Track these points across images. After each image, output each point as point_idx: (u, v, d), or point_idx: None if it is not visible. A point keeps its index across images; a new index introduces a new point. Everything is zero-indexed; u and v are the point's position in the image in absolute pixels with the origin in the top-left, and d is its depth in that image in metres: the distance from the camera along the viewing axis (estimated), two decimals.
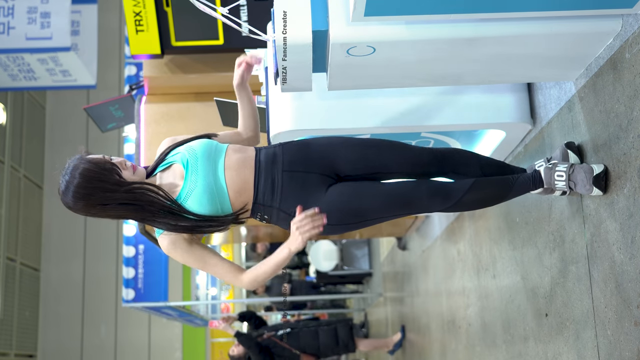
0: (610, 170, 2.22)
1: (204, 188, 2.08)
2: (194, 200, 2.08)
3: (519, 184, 2.31)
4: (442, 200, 2.20)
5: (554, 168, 2.31)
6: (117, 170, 2.01)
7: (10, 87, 6.70)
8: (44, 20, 5.89)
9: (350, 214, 2.17)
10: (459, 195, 2.21)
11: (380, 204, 2.17)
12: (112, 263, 10.60)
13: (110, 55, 9.51)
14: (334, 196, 2.15)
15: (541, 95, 2.79)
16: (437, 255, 5.08)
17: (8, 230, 9.31)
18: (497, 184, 2.30)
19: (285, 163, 2.17)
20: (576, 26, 2.13)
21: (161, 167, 2.17)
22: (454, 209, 2.25)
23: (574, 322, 2.51)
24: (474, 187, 2.23)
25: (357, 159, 2.22)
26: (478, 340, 3.93)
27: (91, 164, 1.99)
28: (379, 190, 2.18)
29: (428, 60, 2.29)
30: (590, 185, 2.23)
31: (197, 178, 2.09)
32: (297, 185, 2.15)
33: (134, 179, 2.05)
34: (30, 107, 10.14)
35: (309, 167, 2.18)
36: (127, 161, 2.06)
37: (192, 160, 2.12)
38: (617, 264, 2.15)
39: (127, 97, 4.69)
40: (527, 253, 3.01)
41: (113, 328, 10.90)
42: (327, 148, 2.23)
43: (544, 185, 2.33)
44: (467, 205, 2.25)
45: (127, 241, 6.75)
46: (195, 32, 3.72)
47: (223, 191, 2.11)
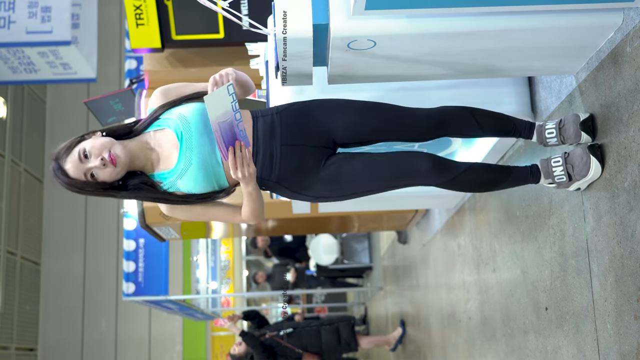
0: (596, 117, 2.25)
1: (199, 165, 2.06)
2: (189, 178, 2.07)
3: (516, 175, 2.30)
4: (439, 174, 2.16)
5: (550, 158, 2.31)
6: (101, 184, 2.04)
7: (11, 80, 6.70)
8: (45, 14, 5.88)
9: (349, 186, 2.16)
10: (457, 173, 2.18)
11: (378, 172, 2.15)
12: (113, 257, 10.61)
13: (110, 49, 9.50)
14: (333, 169, 2.15)
15: (542, 88, 2.78)
16: (438, 249, 5.09)
17: (8, 224, 9.32)
18: (495, 171, 2.29)
19: (284, 135, 2.14)
20: (577, 20, 2.13)
21: (153, 127, 2.13)
22: (450, 185, 2.21)
23: (574, 315, 2.52)
24: (472, 168, 2.22)
25: (355, 125, 2.19)
26: (478, 334, 3.94)
27: (73, 187, 2.03)
28: (377, 159, 2.16)
29: (428, 54, 2.28)
30: (587, 156, 2.21)
31: (192, 155, 2.06)
32: (295, 159, 2.14)
33: (117, 173, 2.04)
34: (31, 101, 10.13)
35: (307, 138, 2.16)
36: (104, 157, 2.00)
37: (186, 133, 2.07)
38: (617, 258, 2.15)
39: (127, 90, 4.70)
40: (527, 247, 3.01)
41: (113, 322, 10.93)
42: (325, 114, 2.19)
43: (540, 178, 2.32)
44: (462, 183, 2.23)
45: (128, 235, 6.75)
46: (196, 25, 3.71)
47: (219, 167, 2.10)
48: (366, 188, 2.19)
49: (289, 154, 2.14)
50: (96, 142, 2.02)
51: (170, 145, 2.09)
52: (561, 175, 2.28)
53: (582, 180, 2.28)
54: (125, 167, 2.05)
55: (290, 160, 2.14)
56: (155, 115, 2.13)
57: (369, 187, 2.19)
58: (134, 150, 2.08)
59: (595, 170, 2.24)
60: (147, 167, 2.12)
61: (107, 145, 2.02)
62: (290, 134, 2.15)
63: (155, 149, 2.11)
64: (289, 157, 2.13)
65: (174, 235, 5.12)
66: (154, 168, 2.12)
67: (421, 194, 4.24)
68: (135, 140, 2.11)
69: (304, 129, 2.16)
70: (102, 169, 2.01)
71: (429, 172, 2.15)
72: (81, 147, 2.02)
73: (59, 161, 2.04)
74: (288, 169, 2.14)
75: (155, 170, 2.12)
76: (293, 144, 2.14)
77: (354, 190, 2.18)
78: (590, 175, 2.25)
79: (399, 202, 4.64)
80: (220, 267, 11.86)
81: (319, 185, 2.16)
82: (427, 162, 2.16)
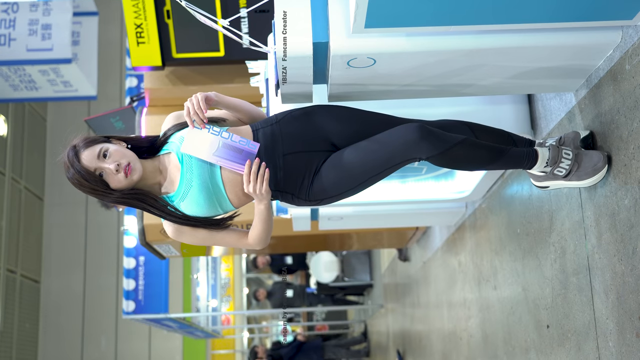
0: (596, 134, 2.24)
1: (199, 188, 2.07)
2: (190, 200, 2.08)
3: (511, 155, 2.22)
4: (430, 145, 2.06)
5: (561, 149, 2.23)
6: (104, 184, 2.03)
7: (11, 98, 6.72)
8: (45, 32, 5.92)
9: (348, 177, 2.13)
10: (449, 145, 2.09)
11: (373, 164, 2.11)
12: (113, 275, 10.57)
13: (111, 67, 9.53)
14: (327, 173, 2.14)
15: (541, 106, 2.79)
16: (438, 267, 5.07)
17: (8, 241, 9.30)
18: (489, 148, 2.19)
19: (286, 145, 2.14)
20: (576, 38, 2.14)
21: (163, 151, 2.15)
22: (441, 158, 2.11)
23: (576, 333, 2.50)
24: (465, 142, 2.12)
25: (354, 134, 2.19)
26: (479, 352, 3.91)
27: (79, 174, 2.01)
28: (370, 147, 2.12)
29: (428, 72, 2.29)
30: (603, 163, 2.18)
31: (192, 177, 2.07)
32: (298, 168, 2.15)
33: (125, 184, 2.04)
34: (31, 118, 10.15)
35: (309, 144, 2.16)
36: (121, 163, 2.02)
37: (187, 155, 2.09)
38: (619, 275, 2.14)
39: (128, 108, 4.71)
40: (528, 264, 3.00)
41: (113, 340, 10.86)
42: (324, 121, 2.19)
43: (535, 165, 2.24)
44: (453, 158, 2.13)
45: (128, 253, 6.74)
46: (196, 43, 3.73)
47: (220, 189, 2.10)
48: (365, 177, 2.13)
49: (291, 163, 2.14)
50: (120, 149, 2.05)
51: (174, 169, 2.11)
52: (563, 168, 2.23)
53: (576, 182, 2.24)
54: (133, 184, 2.07)
55: (293, 169, 2.14)
56: (165, 137, 2.16)
57: (368, 175, 2.13)
58: (146, 172, 2.10)
59: (596, 179, 2.21)
60: (155, 189, 2.14)
61: (129, 156, 2.05)
62: (291, 143, 2.15)
63: (163, 172, 2.13)
64: (292, 166, 2.14)
65: (174, 253, 5.11)
66: (160, 191, 2.15)
67: (421, 211, 4.24)
68: (149, 163, 2.13)
69: (304, 136, 2.17)
70: (113, 175, 2.02)
71: (419, 142, 2.06)
72: (105, 147, 2.04)
73: (77, 148, 2.04)
74: (291, 177, 2.15)
75: (162, 193, 2.14)
76: (295, 151, 2.15)
77: (354, 184, 2.14)
78: (588, 182, 2.22)
79: (399, 220, 4.63)
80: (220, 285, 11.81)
81: (318, 190, 2.16)
82: (416, 133, 2.07)
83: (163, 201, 2.10)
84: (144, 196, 2.09)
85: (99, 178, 2.03)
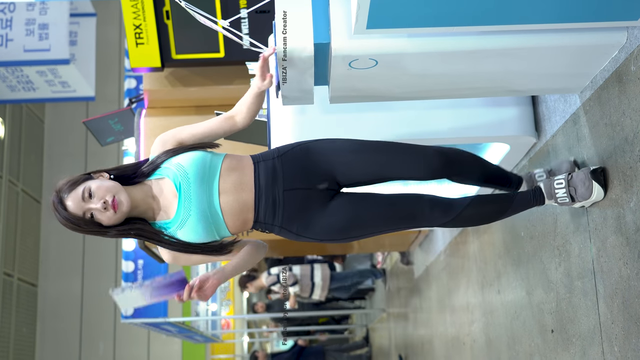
0: (608, 171, 2.22)
1: (198, 217, 2.04)
2: (188, 229, 2.05)
3: (519, 200, 2.29)
4: (442, 214, 2.18)
5: (552, 179, 2.29)
6: (98, 225, 2.02)
7: (9, 99, 6.69)
8: (42, 32, 5.89)
9: (352, 228, 2.16)
10: (459, 210, 2.19)
11: (382, 218, 2.16)
12: (111, 278, 10.53)
13: (110, 68, 9.50)
14: (335, 216, 2.13)
15: (546, 108, 2.76)
16: (441, 271, 5.04)
17: (5, 245, 9.26)
18: (497, 200, 2.28)
19: (286, 180, 2.12)
20: (581, 39, 2.12)
21: (154, 176, 2.11)
22: (454, 223, 2.23)
23: (581, 338, 2.47)
24: (474, 202, 2.22)
25: (362, 167, 2.18)
26: (483, 357, 3.88)
27: (71, 222, 2.00)
28: (381, 205, 2.16)
29: (430, 73, 2.27)
30: (589, 181, 2.21)
31: (191, 206, 2.04)
32: (298, 204, 2.12)
33: (117, 219, 2.02)
34: (29, 120, 10.12)
35: (310, 181, 2.14)
36: (107, 200, 1.98)
37: (185, 184, 2.05)
38: (624, 279, 2.12)
39: (126, 110, 4.67)
40: (533, 268, 2.97)
41: (112, 344, 10.82)
42: (327, 156, 2.17)
43: (545, 200, 2.30)
44: (466, 219, 2.24)
45: (126, 256, 6.70)
46: (196, 44, 3.71)
47: (218, 218, 2.07)
48: (371, 230, 2.19)
49: (292, 199, 2.11)
50: (102, 184, 2.01)
51: (170, 195, 2.08)
52: (564, 197, 2.27)
53: (584, 201, 2.27)
54: (125, 215, 2.04)
55: (293, 205, 2.11)
56: (157, 163, 2.11)
57: (374, 229, 2.19)
58: (136, 199, 2.07)
59: (597, 195, 2.23)
60: (148, 215, 2.11)
61: (112, 190, 2.01)
62: (292, 179, 2.13)
63: (156, 197, 2.09)
64: (291, 202, 2.11)
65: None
66: (155, 217, 2.11)
67: None
68: (139, 188, 2.09)
69: (305, 173, 2.14)
70: (102, 212, 2.00)
71: (432, 212, 2.17)
72: (87, 186, 2.01)
73: (60, 194, 2.02)
74: (291, 213, 2.12)
75: (157, 219, 2.10)
76: (295, 188, 2.12)
77: (359, 232, 2.18)
78: (593, 199, 2.25)
79: None
80: (220, 289, 11.77)
81: (323, 227, 2.14)
82: (429, 204, 2.18)
83: (159, 230, 2.08)
84: (141, 230, 2.07)
85: (91, 220, 2.01)
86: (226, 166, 2.11)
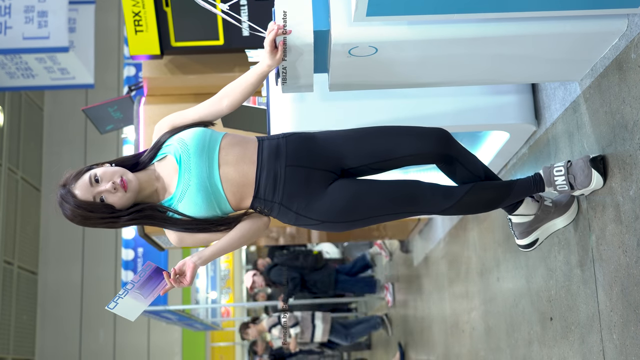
0: (608, 159, 2.21)
1: (197, 187, 2.05)
2: (188, 200, 2.05)
3: (519, 187, 2.29)
4: (443, 200, 2.18)
5: (552, 166, 2.29)
6: (110, 208, 2.01)
7: (8, 86, 6.67)
8: (41, 19, 5.86)
9: (353, 212, 2.15)
10: (460, 195, 2.19)
11: (382, 203, 2.15)
12: (111, 266, 10.55)
13: (109, 56, 9.46)
14: (336, 195, 2.12)
15: (545, 96, 2.76)
16: (440, 259, 5.05)
17: (5, 233, 9.27)
18: (498, 187, 2.28)
19: (289, 157, 2.12)
20: (581, 26, 2.11)
21: (158, 158, 2.13)
22: (455, 209, 2.22)
23: (579, 326, 2.48)
24: (474, 188, 2.22)
25: (366, 152, 2.18)
26: (482, 344, 3.90)
27: (81, 209, 2.00)
28: (382, 190, 2.16)
29: (431, 61, 2.26)
30: (589, 169, 2.21)
31: (190, 176, 2.05)
32: (299, 181, 2.11)
33: (127, 199, 2.03)
34: (28, 108, 10.10)
35: (313, 162, 2.14)
36: (115, 181, 2.00)
37: (185, 156, 2.07)
38: (623, 267, 2.12)
39: (126, 98, 4.67)
40: (532, 256, 2.98)
41: (112, 332, 10.86)
42: (333, 142, 2.18)
43: (544, 187, 2.30)
44: (467, 206, 2.23)
45: (126, 244, 6.72)
46: (195, 32, 3.69)
47: (218, 189, 2.07)
48: (372, 214, 2.17)
49: (293, 175, 2.11)
50: (108, 169, 2.04)
51: (172, 171, 2.09)
52: (563, 184, 2.27)
53: (583, 189, 2.27)
54: (135, 193, 2.05)
55: (295, 182, 2.11)
56: (159, 144, 2.14)
57: (375, 213, 2.17)
58: (142, 182, 2.08)
59: (596, 183, 2.23)
60: (153, 197, 2.12)
61: (118, 172, 2.03)
62: (295, 156, 2.13)
63: (160, 177, 2.11)
64: (293, 178, 2.11)
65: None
66: (159, 197, 2.12)
67: None
68: (143, 173, 2.11)
69: (310, 152, 2.15)
70: (113, 193, 2.00)
71: (433, 196, 2.17)
72: (92, 173, 2.02)
73: (68, 186, 2.02)
74: (292, 190, 2.11)
75: (161, 199, 2.12)
76: (297, 165, 2.12)
77: (359, 215, 2.16)
78: (592, 187, 2.24)
79: None
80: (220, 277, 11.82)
81: (324, 205, 2.12)
82: (429, 188, 2.18)
83: (165, 208, 2.08)
84: (151, 212, 2.08)
85: (102, 204, 2.01)
86: (227, 141, 2.12)
